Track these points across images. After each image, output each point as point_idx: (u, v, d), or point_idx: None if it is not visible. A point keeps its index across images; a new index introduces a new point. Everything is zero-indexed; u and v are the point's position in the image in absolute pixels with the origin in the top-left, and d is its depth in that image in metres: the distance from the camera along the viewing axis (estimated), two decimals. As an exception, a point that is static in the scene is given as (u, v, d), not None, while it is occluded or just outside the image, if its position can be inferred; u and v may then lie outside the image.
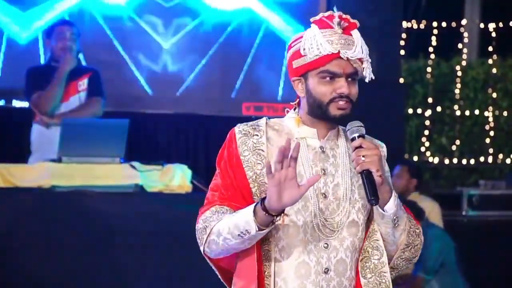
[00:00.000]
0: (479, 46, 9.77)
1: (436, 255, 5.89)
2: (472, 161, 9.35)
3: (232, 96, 7.37)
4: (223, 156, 2.51)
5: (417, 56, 9.44)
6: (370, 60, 2.50)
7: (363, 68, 2.49)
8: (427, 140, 9.37)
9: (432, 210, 6.28)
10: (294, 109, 2.55)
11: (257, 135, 2.48)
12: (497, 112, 9.45)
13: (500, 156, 9.41)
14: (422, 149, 9.34)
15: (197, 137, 6.75)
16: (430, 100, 9.38)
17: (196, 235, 2.47)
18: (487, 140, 9.40)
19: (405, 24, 9.11)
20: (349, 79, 2.46)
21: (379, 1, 7.25)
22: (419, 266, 5.86)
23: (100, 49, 7.01)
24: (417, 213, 5.90)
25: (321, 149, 2.49)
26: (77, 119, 5.39)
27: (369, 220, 2.51)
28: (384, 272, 2.47)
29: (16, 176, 4.90)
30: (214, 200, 2.47)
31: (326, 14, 2.49)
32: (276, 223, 2.33)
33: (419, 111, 9.35)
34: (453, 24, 9.55)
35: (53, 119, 5.44)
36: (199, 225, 2.45)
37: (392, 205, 2.42)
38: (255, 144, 2.47)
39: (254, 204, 2.34)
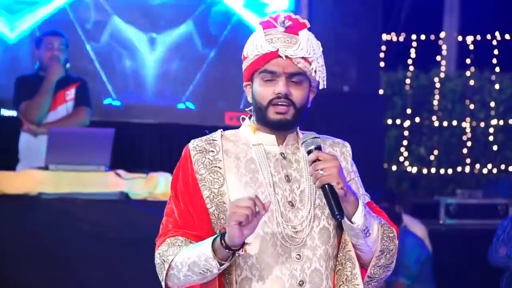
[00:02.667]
0: (457, 59, 9.87)
1: (415, 261, 5.98)
2: (449, 171, 9.45)
3: (216, 106, 7.46)
4: (178, 177, 2.36)
5: (396, 68, 9.54)
6: (321, 64, 2.35)
7: (312, 70, 2.32)
8: (405, 150, 9.46)
9: (422, 233, 6.36)
10: (250, 118, 2.41)
11: (213, 151, 2.34)
12: (474, 123, 9.54)
13: (477, 166, 9.50)
14: (401, 159, 9.43)
15: (180, 146, 6.81)
16: (409, 111, 9.47)
17: (157, 271, 2.33)
18: (465, 151, 9.50)
19: (384, 37, 9.23)
20: (292, 80, 2.30)
21: (359, 14, 7.36)
22: (401, 272, 5.93)
23: (87, 58, 7.11)
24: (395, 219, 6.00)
25: (281, 155, 2.35)
26: (63, 128, 5.44)
27: (340, 227, 2.36)
28: (357, 285, 2.32)
29: (4, 183, 4.93)
30: (168, 229, 2.33)
31: (274, 15, 2.35)
32: (239, 254, 2.20)
33: (398, 122, 9.45)
34: (432, 37, 9.66)
35: (40, 128, 5.51)
36: (157, 259, 2.31)
37: (359, 215, 2.26)
38: (211, 162, 2.33)
39: (211, 240, 2.21)
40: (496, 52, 9.65)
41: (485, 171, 9.48)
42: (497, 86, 9.62)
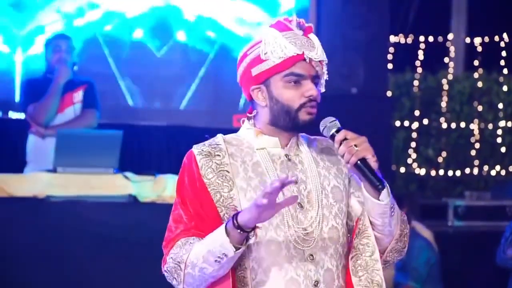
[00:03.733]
0: (465, 60, 9.88)
1: (424, 264, 5.98)
2: (458, 173, 9.45)
3: (223, 108, 7.47)
4: (184, 183, 2.34)
5: (404, 69, 9.54)
6: (326, 67, 2.39)
7: (323, 73, 2.37)
8: (414, 152, 9.46)
9: (429, 238, 6.37)
10: (249, 120, 2.43)
11: (219, 155, 2.33)
12: (482, 125, 9.55)
13: (485, 167, 9.50)
14: (409, 160, 9.44)
15: (188, 149, 6.84)
16: (417, 113, 9.48)
17: (168, 277, 2.31)
18: (473, 152, 9.50)
19: (392, 39, 9.23)
20: (314, 82, 2.35)
21: (367, 16, 7.36)
22: (409, 275, 5.93)
23: (94, 61, 7.13)
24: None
25: (286, 157, 2.37)
26: (71, 130, 5.45)
27: (349, 222, 2.40)
28: (377, 270, 2.34)
29: (12, 185, 4.94)
30: (177, 234, 2.30)
31: (282, 18, 2.37)
32: (251, 237, 2.20)
33: (406, 123, 9.45)
34: (440, 39, 9.67)
35: (48, 130, 5.52)
36: (170, 264, 2.28)
37: (386, 193, 2.29)
38: (218, 166, 2.32)
39: (223, 225, 2.21)
40: (504, 53, 9.66)
41: (493, 172, 9.47)
42: (505, 88, 9.62)
